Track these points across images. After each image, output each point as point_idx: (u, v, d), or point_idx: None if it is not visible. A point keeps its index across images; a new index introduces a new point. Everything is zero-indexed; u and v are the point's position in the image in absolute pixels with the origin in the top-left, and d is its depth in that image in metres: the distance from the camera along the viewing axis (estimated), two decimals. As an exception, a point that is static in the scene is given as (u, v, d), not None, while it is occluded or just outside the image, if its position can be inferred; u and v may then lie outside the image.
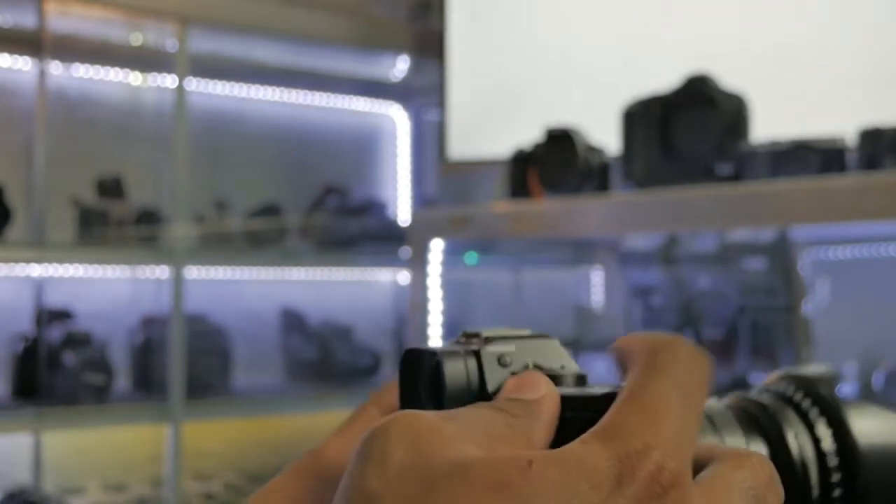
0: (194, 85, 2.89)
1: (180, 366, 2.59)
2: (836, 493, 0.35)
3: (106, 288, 2.82)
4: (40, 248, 2.64)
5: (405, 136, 3.39)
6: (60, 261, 2.68)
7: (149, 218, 2.64)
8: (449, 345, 0.34)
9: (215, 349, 2.73)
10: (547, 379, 0.32)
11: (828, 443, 0.35)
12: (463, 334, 0.35)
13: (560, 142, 1.80)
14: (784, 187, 1.51)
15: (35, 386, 2.47)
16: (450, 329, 2.22)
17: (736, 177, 1.63)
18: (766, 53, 2.07)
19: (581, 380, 0.34)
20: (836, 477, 0.35)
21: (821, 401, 0.36)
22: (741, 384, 1.87)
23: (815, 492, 0.35)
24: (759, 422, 0.36)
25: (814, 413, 0.36)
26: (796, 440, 0.35)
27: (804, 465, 0.35)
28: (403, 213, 3.25)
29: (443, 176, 3.10)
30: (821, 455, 0.35)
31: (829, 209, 1.44)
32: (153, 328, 2.67)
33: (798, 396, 0.36)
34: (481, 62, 2.50)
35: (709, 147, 1.65)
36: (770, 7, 2.10)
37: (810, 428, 0.36)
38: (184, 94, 2.68)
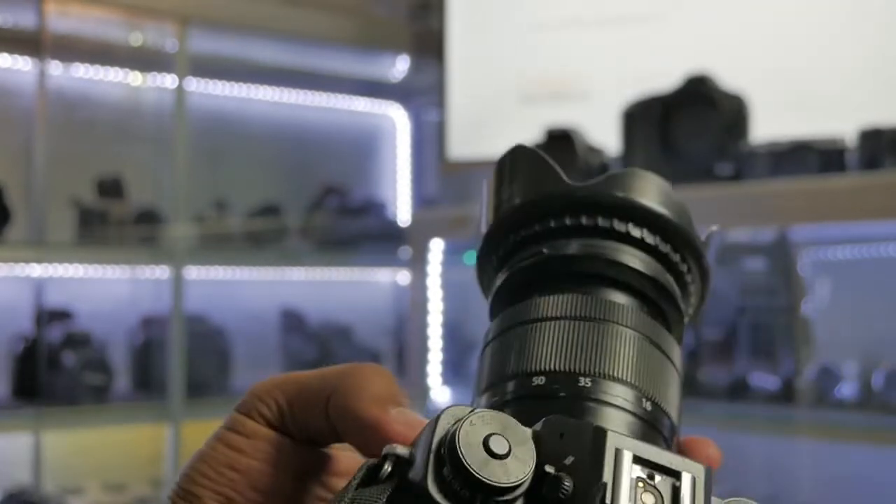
0: (194, 85, 2.89)
1: (180, 366, 2.59)
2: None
3: (106, 288, 2.81)
4: (40, 248, 2.64)
5: (405, 136, 3.39)
6: (60, 261, 2.68)
7: (149, 218, 2.64)
8: None
9: (215, 349, 2.72)
10: None
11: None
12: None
13: (560, 142, 1.80)
14: (784, 187, 1.51)
15: (35, 386, 2.47)
16: (450, 329, 2.22)
17: (736, 177, 1.62)
18: (766, 53, 2.07)
19: None
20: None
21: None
22: (741, 385, 1.87)
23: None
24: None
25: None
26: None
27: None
28: (403, 213, 3.25)
29: (443, 176, 3.09)
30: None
31: (829, 209, 1.44)
32: (153, 328, 2.67)
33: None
34: (481, 62, 2.50)
35: (709, 147, 1.65)
36: (771, 7, 2.10)
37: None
38: (184, 94, 2.68)
